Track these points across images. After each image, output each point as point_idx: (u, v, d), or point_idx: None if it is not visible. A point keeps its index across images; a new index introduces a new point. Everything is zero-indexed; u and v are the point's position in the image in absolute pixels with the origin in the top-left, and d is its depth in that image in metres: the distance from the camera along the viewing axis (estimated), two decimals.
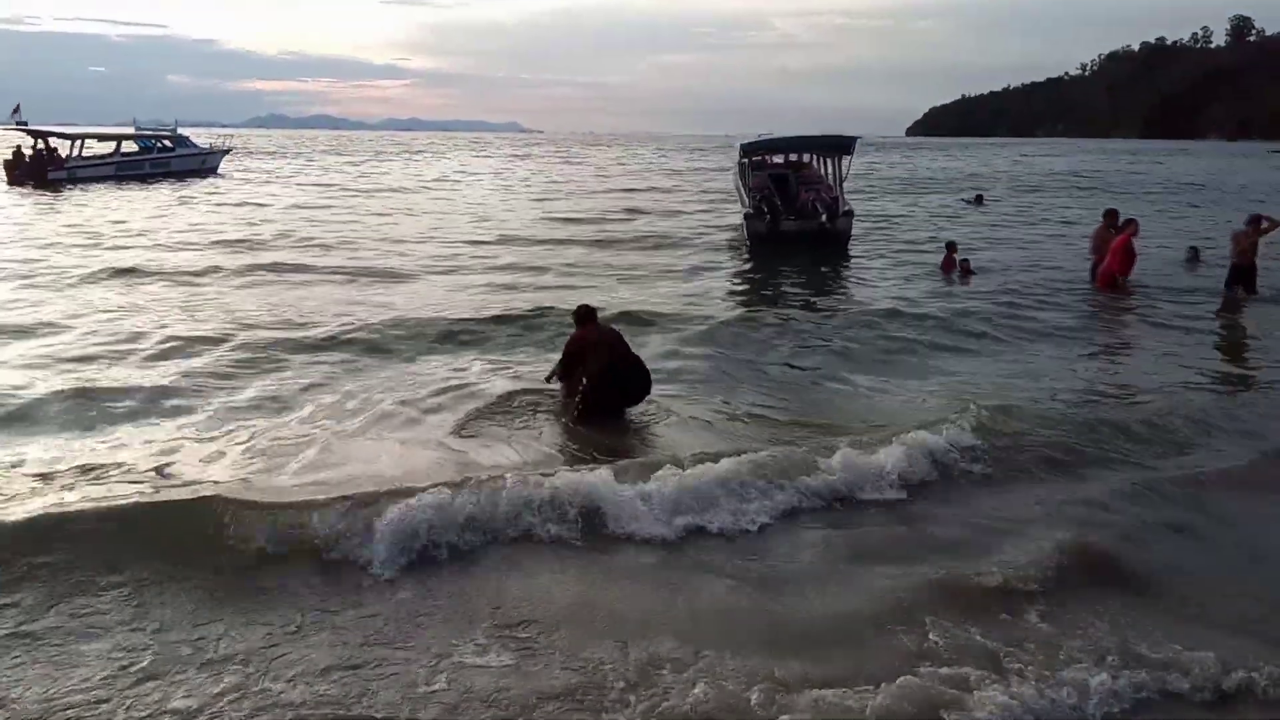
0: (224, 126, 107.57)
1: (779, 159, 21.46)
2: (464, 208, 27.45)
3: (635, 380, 6.83)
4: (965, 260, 14.85)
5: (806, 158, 21.99)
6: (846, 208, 17.94)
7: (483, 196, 32.15)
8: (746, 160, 19.96)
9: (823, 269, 15.53)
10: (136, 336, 9.50)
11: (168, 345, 9.12)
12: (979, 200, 29.04)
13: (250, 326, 10.10)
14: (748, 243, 17.85)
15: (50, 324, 10.20)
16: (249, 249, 17.20)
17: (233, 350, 8.93)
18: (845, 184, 18.96)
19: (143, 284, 13.05)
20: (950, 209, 27.60)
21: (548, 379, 7.39)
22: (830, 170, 19.62)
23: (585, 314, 7.28)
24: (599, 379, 6.65)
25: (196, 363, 8.51)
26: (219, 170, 42.25)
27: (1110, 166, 55.78)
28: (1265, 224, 12.43)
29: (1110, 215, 13.43)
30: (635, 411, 6.94)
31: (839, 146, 18.82)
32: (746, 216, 17.88)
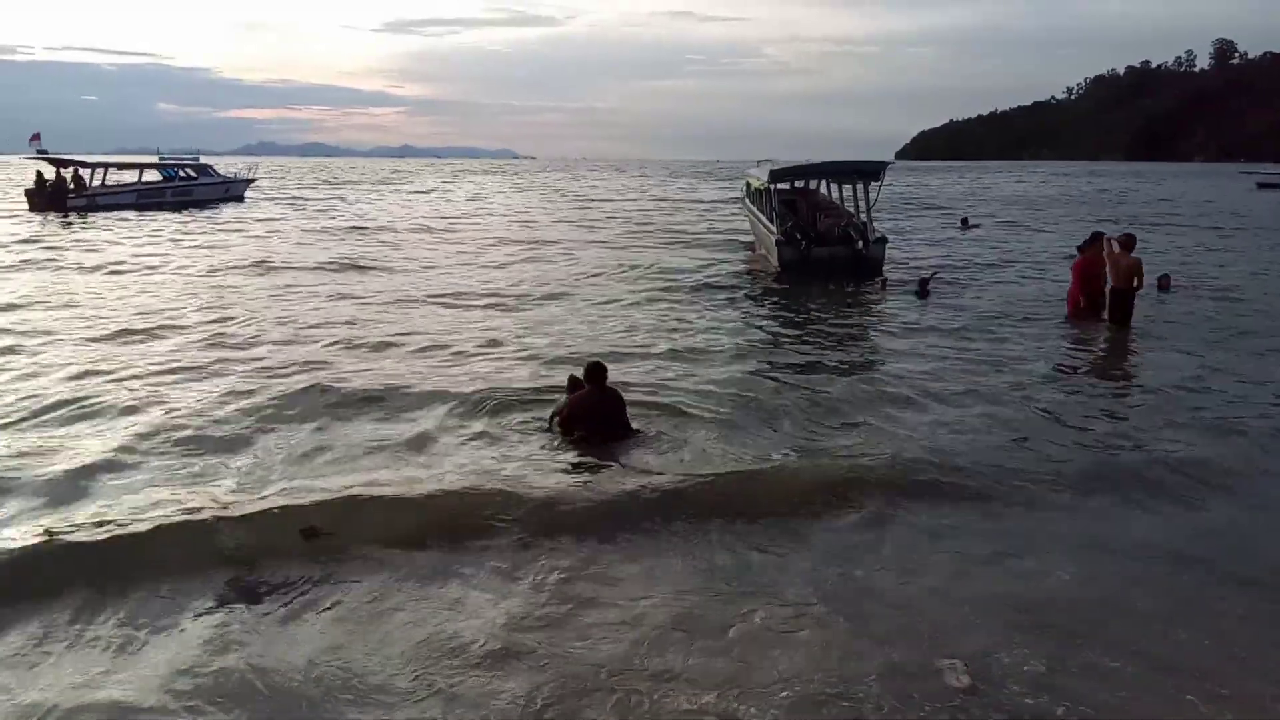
0: (215, 154, 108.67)
1: (785, 185, 20.98)
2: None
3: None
4: (926, 279, 15.67)
5: (813, 184, 21.84)
6: (877, 235, 17.84)
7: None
8: (773, 186, 19.70)
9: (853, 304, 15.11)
10: None
11: None
12: (965, 224, 30.14)
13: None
14: (776, 269, 17.72)
15: None
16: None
17: None
18: (861, 210, 18.65)
19: None
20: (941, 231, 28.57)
21: (550, 419, 7.69)
22: (860, 196, 19.16)
23: (597, 373, 7.38)
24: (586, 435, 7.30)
25: None
26: (244, 199, 42.83)
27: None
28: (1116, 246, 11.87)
29: (1094, 239, 12.81)
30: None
31: (866, 172, 18.56)
32: (778, 243, 17.68)
